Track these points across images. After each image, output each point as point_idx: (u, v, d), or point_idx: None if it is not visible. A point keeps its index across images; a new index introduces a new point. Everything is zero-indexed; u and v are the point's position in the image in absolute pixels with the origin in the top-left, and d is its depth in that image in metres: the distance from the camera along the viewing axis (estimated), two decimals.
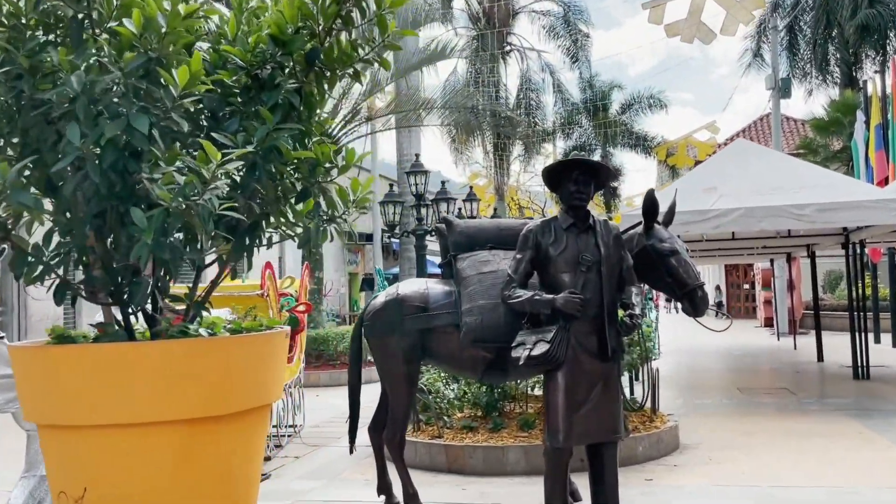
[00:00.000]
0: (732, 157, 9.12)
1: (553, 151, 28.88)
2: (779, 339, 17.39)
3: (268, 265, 6.30)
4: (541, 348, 3.72)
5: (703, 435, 6.65)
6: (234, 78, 2.73)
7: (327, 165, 2.96)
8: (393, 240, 18.79)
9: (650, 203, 4.20)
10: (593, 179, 3.97)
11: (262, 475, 5.64)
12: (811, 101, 48.53)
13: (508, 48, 25.21)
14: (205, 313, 3.17)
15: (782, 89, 19.34)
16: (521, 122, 21.76)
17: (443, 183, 11.14)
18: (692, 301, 4.03)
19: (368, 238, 24.61)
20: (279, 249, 18.72)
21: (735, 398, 8.91)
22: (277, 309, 6.53)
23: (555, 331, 3.75)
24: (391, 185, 11.11)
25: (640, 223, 4.35)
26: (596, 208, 30.40)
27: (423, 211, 10.37)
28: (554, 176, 4.01)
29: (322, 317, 12.45)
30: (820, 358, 12.45)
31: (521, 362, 3.74)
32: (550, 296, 3.78)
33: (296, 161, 2.93)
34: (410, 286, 4.47)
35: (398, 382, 4.34)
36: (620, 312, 3.96)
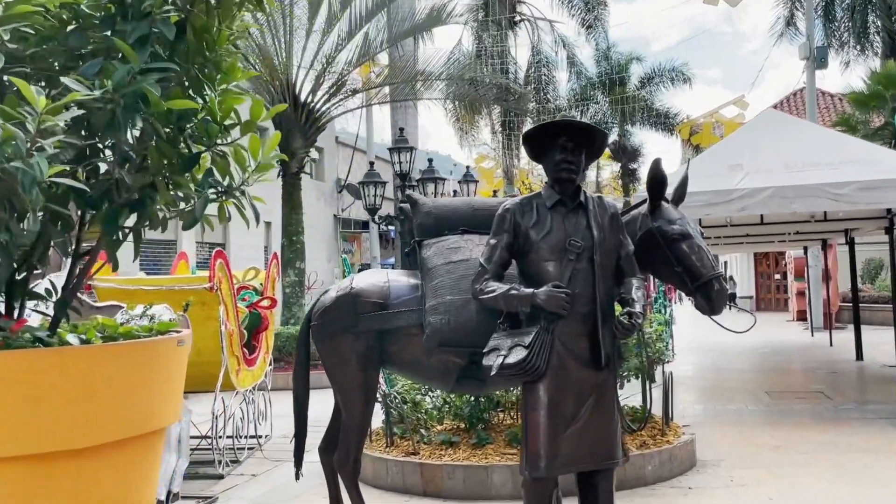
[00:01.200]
0: (761, 130, 8.53)
1: None
2: (813, 335, 16.79)
3: (218, 254, 5.78)
4: (517, 355, 3.20)
5: (724, 449, 6.11)
6: (91, 3, 2.20)
7: (228, 123, 2.43)
8: (390, 227, 18.28)
9: (656, 176, 3.66)
10: (585, 147, 3.43)
11: (207, 498, 5.18)
12: (848, 73, 47.41)
13: (518, 18, 24.58)
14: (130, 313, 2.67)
15: (818, 59, 18.60)
16: (531, 98, 21.13)
17: (430, 160, 10.58)
18: (707, 295, 3.51)
19: (364, 225, 24.15)
20: (265, 237, 18.25)
21: (763, 404, 8.37)
22: (233, 305, 6.03)
23: (534, 333, 3.22)
24: (371, 164, 10.56)
25: (643, 201, 3.82)
26: (614, 192, 29.75)
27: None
28: (537, 142, 3.47)
29: (304, 312, 11.96)
30: (859, 356, 11.86)
31: (493, 372, 3.22)
32: (530, 290, 3.25)
33: (195, 117, 2.41)
34: (367, 278, 3.95)
35: (352, 394, 3.83)
36: (618, 309, 3.42)
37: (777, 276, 29.26)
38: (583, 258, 3.30)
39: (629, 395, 5.84)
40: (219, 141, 2.41)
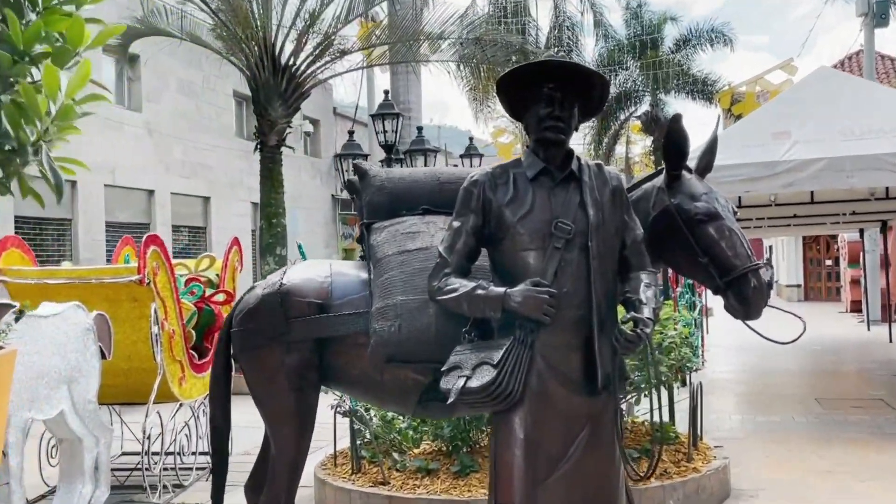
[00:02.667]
0: (812, 91, 7.85)
1: None
2: (869, 329, 16.03)
3: (151, 239, 5.19)
4: (483, 376, 2.59)
5: (764, 475, 5.48)
6: None
7: (38, 51, 1.82)
8: None
9: (676, 135, 3.05)
10: (579, 98, 2.80)
11: None
12: None
13: None
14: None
15: (877, 14, 17.69)
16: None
17: (419, 129, 9.92)
18: (741, 294, 2.91)
19: None
20: (252, 219, 17.71)
21: (812, 414, 7.71)
22: (174, 300, 5.45)
23: (506, 347, 2.61)
24: (350, 133, 9.90)
25: (658, 171, 3.21)
26: (646, 170, 28.90)
27: (396, 167, 9.20)
28: (515, 93, 2.85)
29: None
30: None
31: (451, 398, 2.62)
32: (501, 289, 2.64)
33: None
34: (304, 272, 3.36)
35: (282, 422, 3.25)
36: (622, 313, 2.80)
37: (828, 263, 28.42)
38: (574, 246, 2.69)
39: (647, 409, 5.23)
40: (23, 79, 1.80)
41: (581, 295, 2.67)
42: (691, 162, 3.16)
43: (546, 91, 2.75)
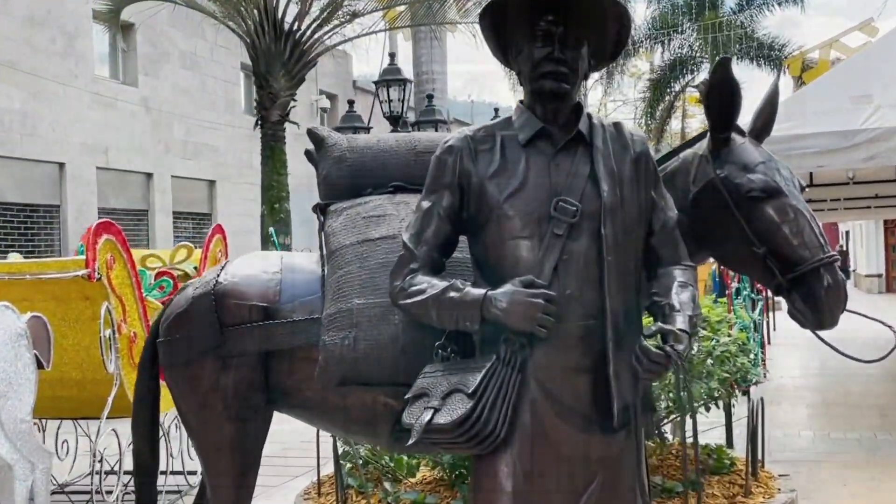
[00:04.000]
0: None
1: (648, 69, 26.75)
2: None
3: (104, 226, 4.78)
4: (455, 409, 2.11)
5: None
6: None
7: None
8: None
9: (722, 88, 2.53)
10: (588, 35, 2.27)
11: None
12: None
13: None
14: None
15: None
16: None
17: (429, 97, 9.41)
18: (810, 295, 2.45)
19: None
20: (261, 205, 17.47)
21: None
22: (136, 298, 5.05)
23: (486, 369, 2.12)
24: (350, 103, 9.46)
25: (701, 135, 2.70)
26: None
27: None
28: (504, 30, 2.35)
29: None
30: None
31: (413, 437, 2.14)
32: (481, 290, 2.15)
33: None
34: (247, 267, 2.90)
35: (218, 455, 2.81)
36: (647, 323, 2.28)
37: None
38: (581, 233, 2.19)
39: (704, 429, 4.72)
40: None
41: (590, 299, 2.17)
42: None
43: (543, 26, 2.22)
